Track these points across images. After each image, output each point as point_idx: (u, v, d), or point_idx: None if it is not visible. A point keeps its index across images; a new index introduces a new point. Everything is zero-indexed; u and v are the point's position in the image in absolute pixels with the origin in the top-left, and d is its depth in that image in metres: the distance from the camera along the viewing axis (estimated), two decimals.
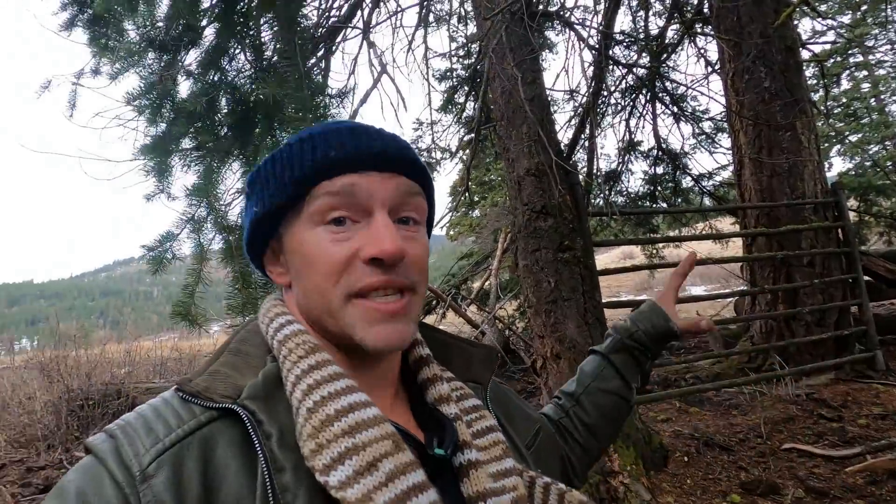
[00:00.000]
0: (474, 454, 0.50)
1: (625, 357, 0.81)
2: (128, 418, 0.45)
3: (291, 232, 0.51)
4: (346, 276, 0.48)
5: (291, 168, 0.50)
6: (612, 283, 18.17)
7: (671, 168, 7.11)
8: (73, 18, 2.07)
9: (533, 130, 2.63)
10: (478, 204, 12.99)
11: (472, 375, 0.62)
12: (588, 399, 0.79)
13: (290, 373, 0.46)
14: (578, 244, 2.69)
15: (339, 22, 3.49)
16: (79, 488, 0.40)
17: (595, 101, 5.45)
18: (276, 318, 0.52)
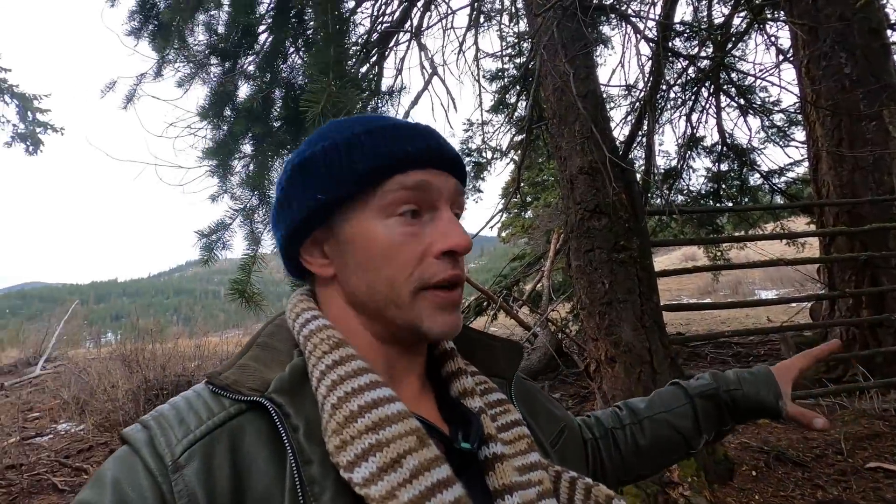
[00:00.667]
0: (500, 447, 0.50)
1: (710, 407, 0.76)
2: (162, 410, 0.46)
3: (352, 223, 0.51)
4: (420, 269, 0.50)
5: (366, 158, 0.50)
6: (673, 286, 17.32)
7: (737, 164, 6.69)
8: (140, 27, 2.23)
9: (586, 127, 2.56)
10: (530, 205, 12.82)
11: (496, 370, 0.62)
12: (651, 426, 0.76)
13: (315, 367, 0.47)
14: (635, 244, 2.59)
15: (391, 27, 3.56)
16: (114, 477, 0.41)
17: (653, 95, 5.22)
18: (303, 312, 0.53)
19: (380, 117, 0.54)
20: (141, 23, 2.11)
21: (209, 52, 2.05)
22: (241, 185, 2.03)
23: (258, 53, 2.10)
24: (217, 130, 2.14)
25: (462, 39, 4.59)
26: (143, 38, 2.17)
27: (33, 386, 6.81)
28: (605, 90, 6.55)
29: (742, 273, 14.43)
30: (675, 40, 5.44)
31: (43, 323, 12.60)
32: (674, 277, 3.04)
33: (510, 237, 14.47)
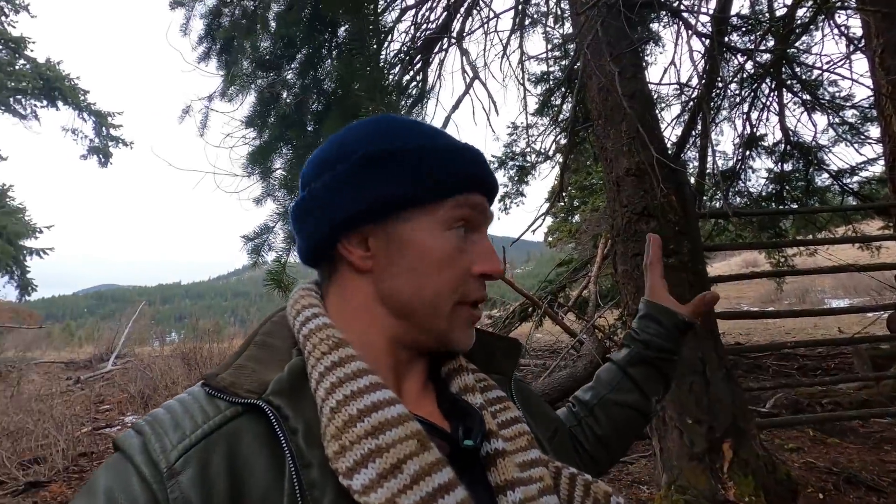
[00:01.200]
0: (501, 444, 0.50)
1: (645, 370, 0.76)
2: (156, 414, 0.45)
3: (412, 225, 0.51)
4: (463, 286, 0.52)
5: (447, 169, 0.51)
6: (732, 294, 16.41)
7: (802, 164, 6.25)
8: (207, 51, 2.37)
9: (632, 127, 2.47)
10: (578, 209, 12.56)
11: (494, 367, 0.63)
12: (602, 411, 0.76)
13: (314, 369, 0.46)
14: (686, 248, 2.47)
15: (433, 33, 3.60)
16: (107, 486, 0.40)
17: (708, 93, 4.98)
18: (304, 310, 0.52)
19: (440, 132, 0.57)
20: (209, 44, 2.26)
21: (256, 65, 2.16)
22: (281, 188, 2.11)
23: (298, 62, 2.19)
24: (260, 136, 2.24)
25: (506, 42, 4.57)
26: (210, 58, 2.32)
27: (105, 380, 7.33)
28: (656, 90, 6.33)
29: (810, 280, 13.46)
30: (731, 35, 5.17)
31: (115, 322, 13.57)
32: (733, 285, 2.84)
33: (556, 242, 14.21)
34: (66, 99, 11.14)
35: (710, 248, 3.23)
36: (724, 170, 6.48)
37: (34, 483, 3.36)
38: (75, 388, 6.61)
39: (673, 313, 0.77)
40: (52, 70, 10.89)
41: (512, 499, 0.46)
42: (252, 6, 2.09)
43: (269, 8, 2.13)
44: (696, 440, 2.23)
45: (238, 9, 2.11)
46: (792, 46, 5.04)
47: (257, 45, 2.14)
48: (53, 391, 5.53)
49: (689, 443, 2.24)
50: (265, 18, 2.12)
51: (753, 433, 2.32)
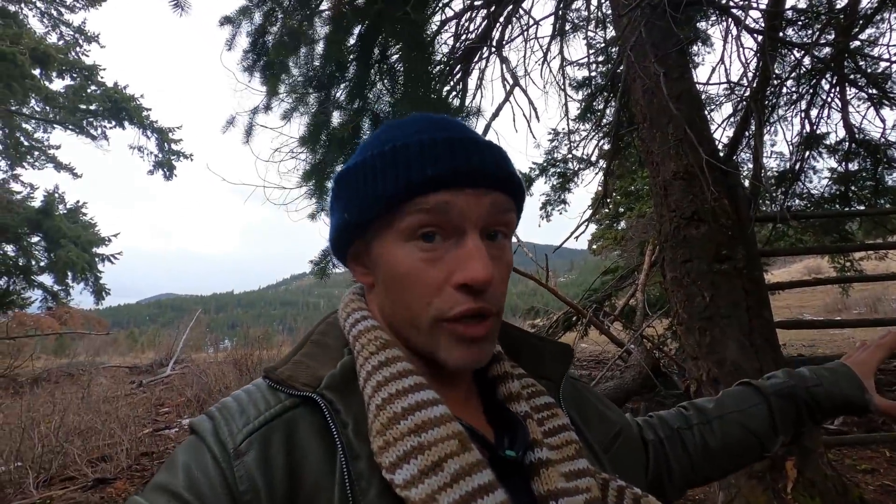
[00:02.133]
0: (545, 453, 0.49)
1: (787, 406, 0.71)
2: (225, 402, 0.49)
3: (380, 242, 0.50)
4: (438, 300, 0.47)
5: (384, 183, 0.48)
6: (793, 303, 15.41)
7: (870, 163, 5.83)
8: (252, 64, 2.50)
9: (680, 130, 2.39)
10: (623, 215, 12.23)
11: (543, 372, 0.60)
12: (722, 426, 0.71)
13: (362, 368, 0.48)
14: (740, 253, 2.35)
15: (473, 43, 3.63)
16: (185, 462, 0.44)
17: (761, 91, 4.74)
18: (353, 312, 0.54)
19: (420, 125, 0.51)
20: (253, 61, 2.39)
21: (306, 83, 2.25)
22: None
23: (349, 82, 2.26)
24: (314, 155, 2.34)
25: (546, 49, 4.54)
26: (255, 75, 2.45)
27: (164, 384, 7.74)
28: (704, 90, 6.09)
29: (882, 288, 12.48)
30: (786, 30, 4.92)
31: (174, 329, 14.33)
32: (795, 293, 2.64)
33: (601, 249, 13.87)
34: (132, 118, 11.99)
35: (767, 254, 3.05)
36: (782, 171, 6.14)
37: (101, 479, 3.58)
38: (138, 392, 7.02)
39: (863, 391, 0.70)
40: (119, 93, 11.76)
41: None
42: (295, 24, 2.18)
43: (312, 26, 2.22)
44: None
45: (283, 27, 2.21)
46: (855, 39, 4.73)
47: (304, 63, 2.24)
48: (118, 394, 5.89)
49: None
50: (310, 37, 2.21)
51: (820, 451, 2.16)
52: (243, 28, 2.38)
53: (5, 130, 11.71)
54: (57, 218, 11.38)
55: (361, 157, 0.52)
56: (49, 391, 5.57)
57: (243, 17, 2.32)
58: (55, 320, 9.88)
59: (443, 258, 0.48)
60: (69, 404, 4.76)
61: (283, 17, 2.20)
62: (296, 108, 2.50)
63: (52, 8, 11.36)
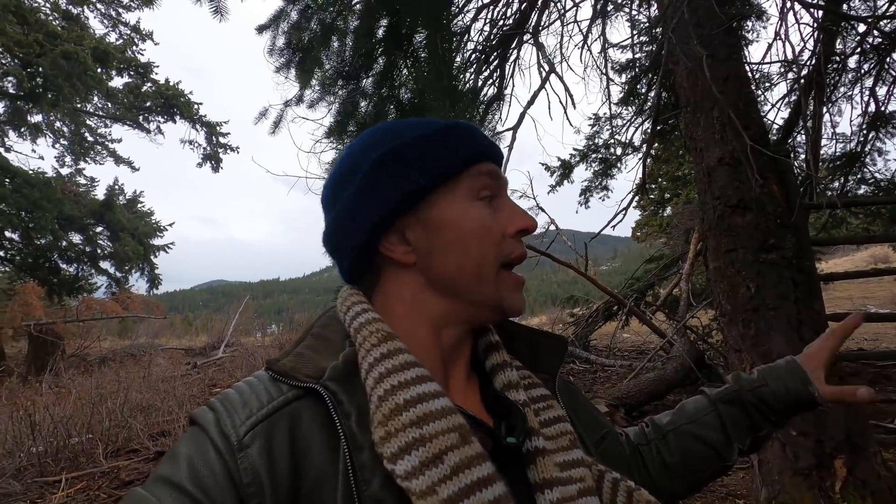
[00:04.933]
0: (542, 442, 0.50)
1: (737, 412, 0.70)
2: (227, 393, 0.49)
3: (441, 206, 0.54)
4: (502, 246, 0.54)
5: (459, 146, 0.55)
6: (856, 294, 14.48)
7: None
8: (287, 62, 2.57)
9: (725, 113, 2.29)
10: (669, 202, 11.77)
11: (539, 365, 0.62)
12: (676, 440, 0.71)
13: (364, 359, 0.49)
14: (789, 243, 2.24)
15: (510, 29, 3.57)
16: (188, 454, 0.44)
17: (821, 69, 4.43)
18: (354, 305, 0.55)
19: (428, 119, 0.60)
20: (289, 57, 2.46)
21: (336, 75, 2.30)
22: None
23: (375, 72, 2.30)
24: (340, 143, 2.39)
25: (587, 31, 4.41)
26: (291, 69, 2.53)
27: (217, 366, 8.18)
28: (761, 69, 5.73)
29: None
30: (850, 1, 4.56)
31: (224, 314, 15.06)
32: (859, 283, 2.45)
33: (646, 237, 13.45)
34: (183, 114, 12.56)
35: (820, 242, 2.89)
36: (844, 153, 5.74)
37: (161, 452, 3.85)
38: (192, 372, 7.45)
39: (807, 383, 0.67)
40: (171, 89, 12.33)
41: (550, 497, 0.47)
42: (330, 18, 2.23)
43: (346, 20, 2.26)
44: (802, 454, 2.03)
45: (316, 22, 2.27)
46: None
47: (335, 55, 2.29)
48: (175, 374, 6.29)
49: (793, 457, 2.04)
50: (343, 30, 2.26)
51: (874, 451, 2.06)
52: (280, 28, 2.45)
53: (71, 127, 12.55)
54: (117, 209, 12.14)
55: (412, 134, 0.55)
56: (114, 370, 6.01)
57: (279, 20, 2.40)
58: (118, 305, 10.60)
59: (496, 215, 0.56)
60: (132, 383, 5.12)
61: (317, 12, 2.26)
62: (324, 98, 2.57)
63: (111, 8, 11.98)
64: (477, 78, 3.45)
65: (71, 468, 3.44)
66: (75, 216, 11.43)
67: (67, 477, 3.28)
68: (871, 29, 4.08)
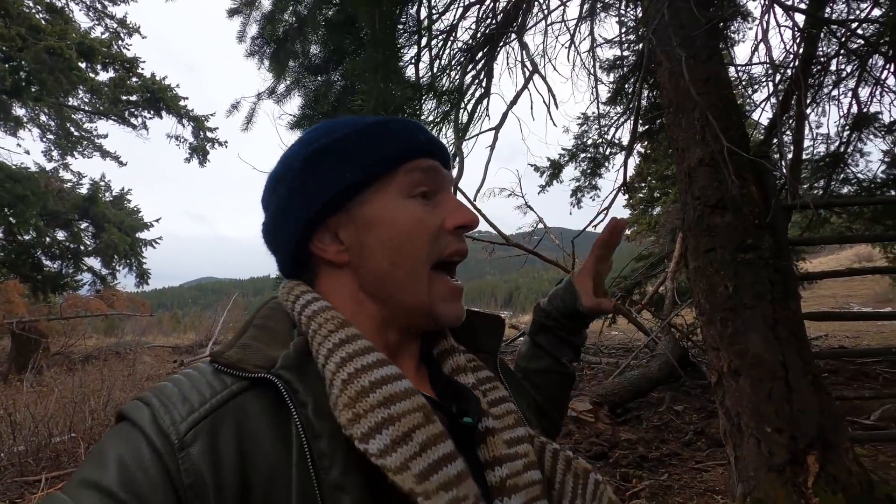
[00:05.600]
0: (491, 422, 0.52)
1: (548, 337, 0.81)
2: (163, 387, 0.46)
3: (373, 204, 0.54)
4: (437, 242, 0.54)
5: (391, 142, 0.54)
6: (840, 292, 14.72)
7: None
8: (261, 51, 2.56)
9: (705, 115, 2.32)
10: (658, 201, 11.87)
11: (480, 346, 0.65)
12: (529, 382, 0.80)
13: (321, 346, 0.48)
14: (766, 243, 2.28)
15: (495, 28, 3.58)
16: (118, 455, 0.40)
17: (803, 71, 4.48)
18: (303, 295, 0.54)
19: (371, 117, 0.59)
20: (260, 46, 2.45)
21: (304, 68, 2.31)
22: None
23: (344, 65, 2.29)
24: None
25: (574, 30, 4.43)
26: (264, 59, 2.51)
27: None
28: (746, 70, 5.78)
29: None
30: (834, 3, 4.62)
31: (213, 311, 14.93)
32: (842, 282, 2.49)
33: (635, 235, 13.55)
34: (169, 108, 12.40)
35: (799, 242, 2.93)
36: (826, 154, 5.82)
37: None
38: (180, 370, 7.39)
39: (575, 298, 0.78)
40: (157, 83, 12.16)
41: (499, 474, 0.50)
42: (305, 11, 2.23)
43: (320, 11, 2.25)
44: (776, 451, 2.06)
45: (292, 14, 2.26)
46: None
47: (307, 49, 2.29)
48: (161, 372, 6.23)
49: (768, 453, 2.08)
50: (317, 22, 2.25)
51: (846, 447, 2.10)
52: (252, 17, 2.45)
53: (57, 121, 12.35)
54: (102, 204, 11.97)
55: (344, 131, 0.56)
56: (98, 368, 5.94)
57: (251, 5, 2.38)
58: (103, 302, 10.47)
59: (433, 211, 0.55)
60: (116, 381, 5.07)
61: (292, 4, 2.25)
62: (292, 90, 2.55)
63: (97, 1, 11.79)
64: (463, 77, 3.45)
65: (52, 468, 3.41)
66: (60, 212, 11.27)
67: (48, 476, 3.25)
68: (852, 33, 4.14)
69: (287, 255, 0.58)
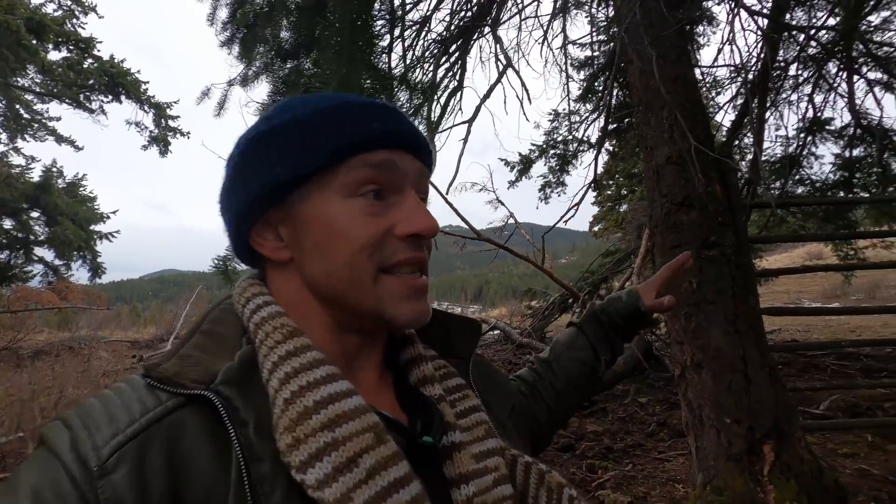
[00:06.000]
0: (458, 436, 0.49)
1: (596, 329, 0.84)
2: (88, 405, 0.41)
3: (313, 201, 0.47)
4: (381, 250, 0.47)
5: (330, 134, 0.47)
6: (792, 288, 15.46)
7: (876, 149, 5.75)
8: (231, 36, 2.47)
9: (673, 114, 2.37)
10: (625, 198, 12.17)
11: (453, 350, 0.61)
12: (559, 366, 0.82)
13: (266, 358, 0.43)
14: (729, 240, 2.35)
15: (469, 21, 3.56)
16: (34, 486, 0.36)
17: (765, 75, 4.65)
18: (254, 297, 0.49)
19: (348, 94, 0.52)
20: (230, 30, 2.36)
21: (275, 54, 2.24)
22: None
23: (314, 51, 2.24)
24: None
25: (547, 27, 4.45)
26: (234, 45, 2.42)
27: None
28: (711, 73, 5.96)
29: (882, 275, 12.47)
30: (794, 11, 4.80)
31: (175, 305, 14.44)
32: (795, 278, 2.64)
33: (603, 232, 13.85)
34: (129, 93, 11.85)
35: (758, 240, 3.04)
36: (783, 156, 6.07)
37: None
38: (138, 366, 7.12)
39: (637, 299, 0.83)
40: (116, 66, 11.60)
41: (465, 492, 0.46)
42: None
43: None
44: (735, 441, 2.14)
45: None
46: (863, 22, 4.61)
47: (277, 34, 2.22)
48: (118, 368, 5.98)
49: (727, 443, 2.15)
50: (288, 6, 2.18)
51: (798, 436, 2.20)
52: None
53: (4, 102, 11.62)
54: (55, 193, 11.35)
55: (285, 117, 0.49)
56: (49, 364, 5.66)
57: None
58: (55, 295, 9.96)
59: (385, 213, 0.48)
60: (69, 377, 4.83)
61: None
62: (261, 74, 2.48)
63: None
64: (436, 69, 3.42)
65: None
66: (7, 199, 10.63)
67: None
68: (810, 39, 4.31)
69: (232, 245, 0.54)
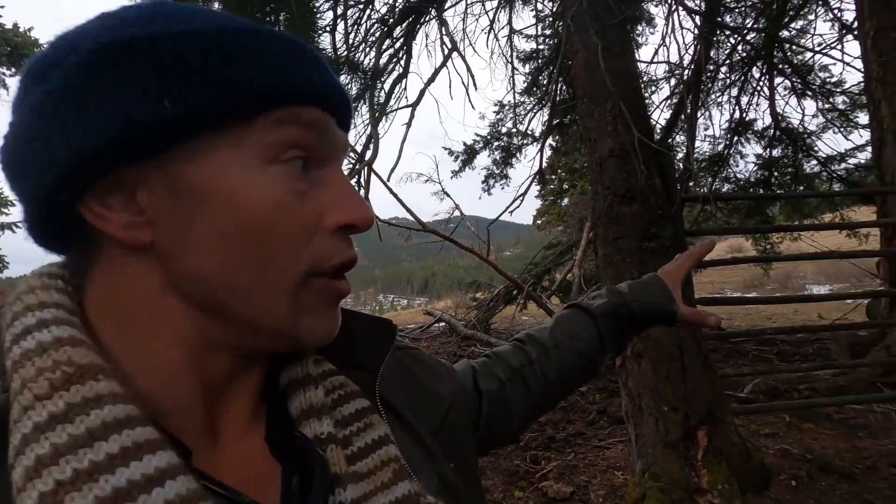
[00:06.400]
0: (351, 491, 0.34)
1: (612, 324, 0.72)
2: None
3: (208, 161, 0.31)
4: (311, 247, 0.34)
5: (256, 69, 0.31)
6: (716, 279, 16.60)
7: (791, 150, 6.22)
8: None
9: (617, 106, 2.38)
10: (567, 192, 12.51)
11: (358, 359, 0.44)
12: (559, 355, 0.68)
13: (17, 426, 0.25)
14: (668, 233, 2.40)
15: (413, 3, 3.44)
16: None
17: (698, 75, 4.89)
18: (27, 313, 0.29)
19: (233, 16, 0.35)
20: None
21: None
22: None
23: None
24: None
25: (494, 17, 4.41)
26: None
27: None
28: (647, 71, 6.20)
29: (793, 266, 13.62)
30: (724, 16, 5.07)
31: None
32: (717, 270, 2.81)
33: (546, 225, 14.20)
34: None
35: (692, 233, 3.17)
36: (713, 154, 6.43)
37: None
38: None
39: (672, 301, 0.72)
40: (20, 35, 10.43)
41: None
42: None
43: None
44: (671, 428, 2.19)
45: None
46: (784, 27, 4.94)
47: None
48: None
49: (665, 430, 2.21)
50: None
51: (729, 420, 2.29)
52: None
53: None
54: None
55: (188, 26, 0.31)
56: None
57: None
58: None
59: (312, 193, 0.34)
60: None
61: None
62: None
63: None
64: (380, 52, 3.28)
65: None
66: None
67: None
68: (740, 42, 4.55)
69: (35, 211, 0.32)
